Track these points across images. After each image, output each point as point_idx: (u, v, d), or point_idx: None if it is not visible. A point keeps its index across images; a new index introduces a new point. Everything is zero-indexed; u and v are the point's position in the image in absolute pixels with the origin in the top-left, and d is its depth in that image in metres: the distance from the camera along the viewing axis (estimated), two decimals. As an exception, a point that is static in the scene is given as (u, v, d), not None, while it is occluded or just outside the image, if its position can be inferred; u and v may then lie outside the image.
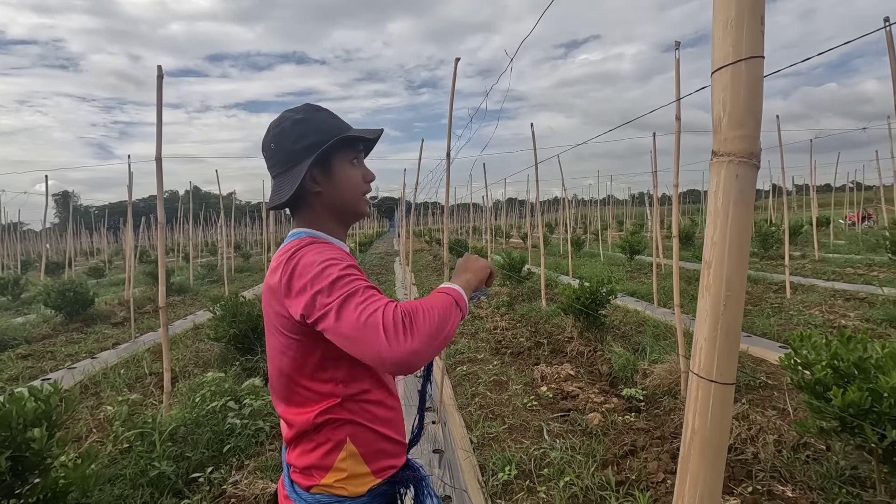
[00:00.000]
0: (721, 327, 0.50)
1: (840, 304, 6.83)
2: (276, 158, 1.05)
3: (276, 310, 0.97)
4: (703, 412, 0.51)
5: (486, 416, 3.71)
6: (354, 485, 1.02)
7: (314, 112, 1.07)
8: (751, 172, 0.48)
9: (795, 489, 2.50)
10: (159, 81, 3.39)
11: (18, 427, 1.83)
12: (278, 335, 0.99)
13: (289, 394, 1.02)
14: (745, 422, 3.15)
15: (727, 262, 0.49)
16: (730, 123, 0.48)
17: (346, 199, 1.08)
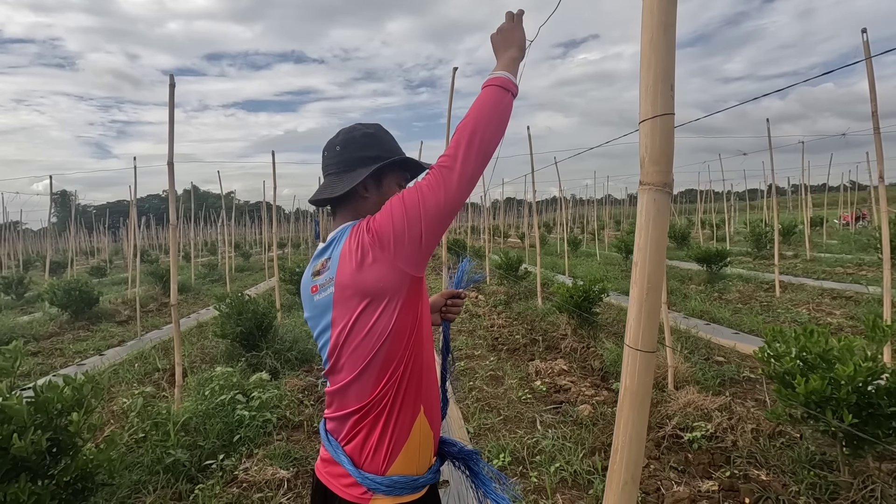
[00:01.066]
0: (644, 310, 0.67)
1: (827, 302, 7.03)
2: (338, 159, 1.15)
3: (372, 273, 0.99)
4: (632, 373, 0.69)
5: (483, 408, 3.89)
6: (424, 456, 1.07)
7: (383, 132, 1.20)
8: (665, 197, 0.66)
9: (769, 473, 2.68)
10: (171, 90, 3.56)
11: (55, 412, 2.01)
12: (367, 302, 1.00)
13: (365, 367, 1.02)
14: (726, 412, 3.35)
15: (648, 263, 0.66)
16: (650, 161, 0.66)
17: None
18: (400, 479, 1.03)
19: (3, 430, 1.90)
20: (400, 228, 0.96)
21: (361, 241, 0.99)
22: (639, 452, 0.69)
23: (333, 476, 1.08)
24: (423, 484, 1.07)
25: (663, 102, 0.65)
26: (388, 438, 1.03)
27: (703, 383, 3.94)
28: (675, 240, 16.28)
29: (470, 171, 0.96)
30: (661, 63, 0.65)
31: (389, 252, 0.97)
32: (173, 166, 3.58)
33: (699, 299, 7.39)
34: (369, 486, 1.02)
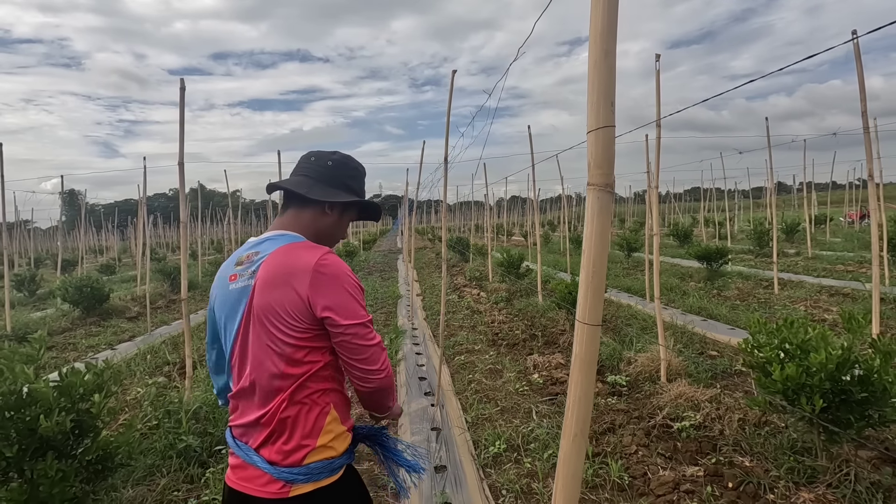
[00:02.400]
0: (590, 290, 0.80)
1: (825, 299, 7.11)
2: (324, 171, 1.28)
3: (293, 297, 1.08)
4: (581, 342, 0.82)
5: (481, 399, 4.02)
6: (340, 444, 1.16)
7: (364, 174, 1.38)
8: (607, 196, 0.79)
9: (753, 460, 2.80)
10: (181, 93, 3.71)
11: (77, 396, 2.17)
12: (282, 317, 1.09)
13: (275, 369, 1.10)
14: (715, 403, 3.46)
15: (593, 251, 0.79)
16: (594, 165, 0.79)
17: (333, 235, 1.31)
18: (316, 465, 1.10)
19: (32, 412, 2.05)
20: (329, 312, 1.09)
21: (295, 274, 1.09)
22: (587, 409, 0.82)
23: (248, 479, 1.11)
24: (340, 465, 1.15)
25: (605, 116, 0.78)
26: (301, 431, 1.10)
27: (695, 376, 4.05)
28: (677, 238, 16.32)
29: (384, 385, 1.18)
30: (602, 83, 0.78)
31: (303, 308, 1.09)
32: (184, 166, 3.74)
33: (697, 296, 7.48)
34: (287, 479, 1.08)
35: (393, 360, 5.28)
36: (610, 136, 0.78)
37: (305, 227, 1.25)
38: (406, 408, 3.99)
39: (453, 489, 2.73)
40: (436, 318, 7.27)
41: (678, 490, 2.54)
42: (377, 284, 11.43)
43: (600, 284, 0.80)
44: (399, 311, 8.27)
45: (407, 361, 5.25)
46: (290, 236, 1.21)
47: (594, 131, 0.79)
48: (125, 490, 2.63)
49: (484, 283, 10.44)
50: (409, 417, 3.78)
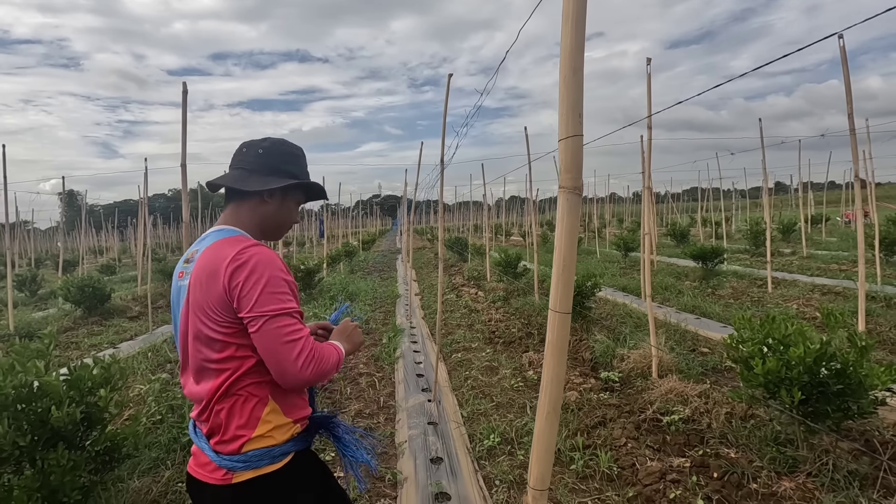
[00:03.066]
0: (560, 282, 0.89)
1: (817, 297, 7.21)
2: (256, 160, 1.26)
3: (216, 293, 1.09)
4: (553, 329, 0.91)
5: (477, 395, 4.12)
6: (281, 433, 1.17)
7: (303, 156, 1.34)
8: (575, 197, 0.88)
9: (738, 451, 2.89)
10: (184, 96, 3.80)
11: (86, 389, 2.26)
12: (209, 312, 1.10)
13: (208, 364, 1.12)
14: (703, 398, 3.56)
15: (563, 246, 0.88)
16: (564, 170, 0.88)
17: (279, 222, 1.29)
18: (255, 453, 1.13)
19: (43, 404, 2.15)
20: (240, 305, 1.08)
21: (217, 270, 1.09)
22: (559, 390, 0.92)
23: (200, 466, 1.17)
24: (281, 453, 1.16)
25: (573, 126, 0.87)
26: (237, 422, 1.12)
27: (685, 372, 4.15)
28: (674, 238, 16.42)
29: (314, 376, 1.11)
30: (571, 97, 0.87)
31: (226, 303, 1.09)
32: (186, 168, 3.83)
33: (692, 295, 7.58)
34: (228, 467, 1.12)
35: (391, 358, 5.38)
36: (578, 144, 0.87)
37: (247, 220, 1.25)
38: (404, 403, 4.09)
39: (449, 480, 2.82)
40: (434, 317, 7.36)
41: (664, 479, 2.63)
42: (376, 284, 11.52)
43: (570, 276, 0.89)
44: (398, 310, 8.36)
45: (405, 359, 5.35)
46: (226, 231, 1.21)
47: (564, 140, 0.88)
48: (131, 481, 2.73)
49: (482, 283, 10.54)
50: (406, 412, 3.87)
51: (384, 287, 11.08)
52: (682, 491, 2.51)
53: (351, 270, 14.63)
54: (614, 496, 2.59)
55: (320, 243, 25.29)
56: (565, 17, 0.86)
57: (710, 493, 2.51)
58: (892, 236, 9.57)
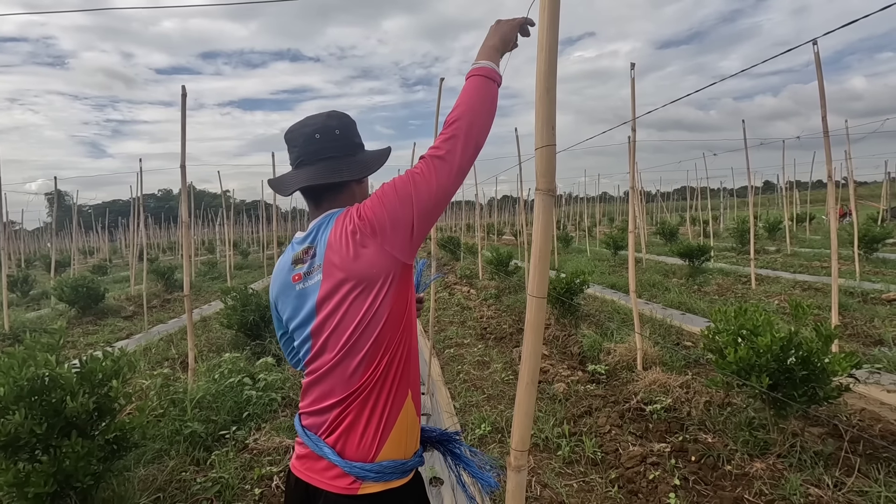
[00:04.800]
0: (537, 270, 1.04)
1: (798, 293, 7.45)
2: (338, 142, 1.12)
3: (364, 259, 0.99)
4: (531, 311, 1.06)
5: (469, 388, 4.27)
6: (412, 441, 1.07)
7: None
8: (549, 199, 1.02)
9: (715, 436, 3.07)
10: (183, 99, 3.91)
11: (97, 380, 2.37)
12: (360, 282, 0.99)
13: (354, 348, 1.01)
14: (685, 388, 3.74)
15: (539, 240, 1.03)
16: (540, 175, 1.02)
17: (365, 195, 1.17)
18: (389, 464, 1.02)
19: (57, 395, 2.26)
20: (392, 216, 0.98)
21: (352, 227, 1.01)
22: (536, 363, 1.06)
23: (316, 471, 1.05)
24: (411, 468, 1.07)
25: (548, 137, 1.02)
26: (375, 425, 1.02)
27: (669, 364, 4.33)
28: (663, 236, 16.70)
29: (463, 162, 1.02)
30: (545, 112, 1.02)
31: (381, 239, 0.99)
32: (185, 169, 3.93)
33: (678, 291, 7.79)
34: (357, 475, 1.00)
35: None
36: (552, 152, 1.02)
37: (348, 205, 1.12)
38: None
39: (441, 466, 2.97)
40: (427, 315, 7.51)
41: (645, 463, 2.80)
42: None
43: (545, 266, 1.04)
44: (391, 308, 8.49)
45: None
46: (330, 213, 1.10)
47: (540, 148, 1.03)
48: (137, 470, 2.84)
49: (474, 281, 10.69)
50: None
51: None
52: (660, 472, 2.67)
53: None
54: (598, 478, 2.75)
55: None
56: (540, 46, 1.01)
57: (688, 474, 2.68)
58: (870, 234, 9.86)
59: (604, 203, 42.04)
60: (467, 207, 27.87)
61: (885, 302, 6.40)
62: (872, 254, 10.23)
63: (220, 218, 24.54)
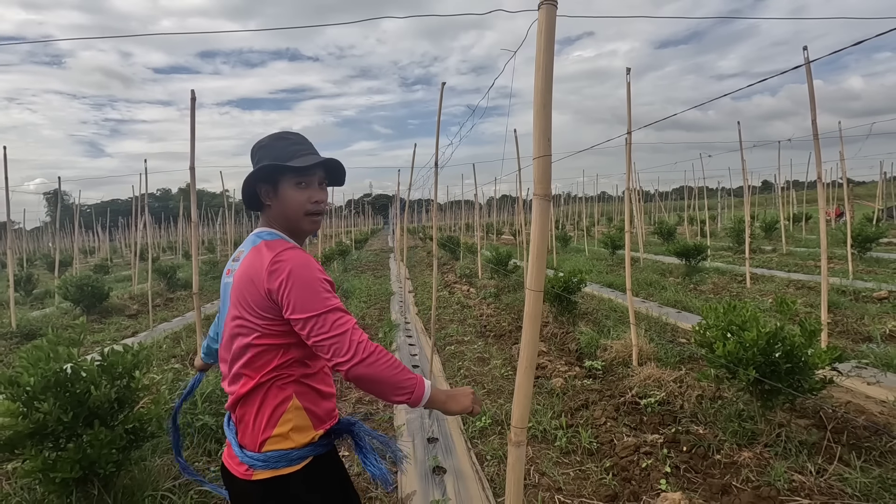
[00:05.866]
0: (534, 267, 1.17)
1: (791, 292, 7.59)
2: (251, 174, 1.27)
3: (257, 296, 1.14)
4: (529, 303, 1.19)
5: (469, 383, 4.40)
6: (300, 436, 1.19)
7: (275, 140, 1.28)
8: (546, 203, 1.15)
9: (706, 428, 3.20)
10: (192, 103, 4.03)
11: (117, 373, 2.50)
12: (248, 313, 1.15)
13: (241, 360, 1.18)
14: (678, 383, 3.87)
15: (537, 240, 1.16)
16: (536, 182, 1.15)
17: (288, 215, 1.25)
18: (274, 454, 1.16)
19: (80, 386, 2.39)
20: (285, 309, 1.12)
21: (257, 274, 1.15)
22: (534, 349, 1.19)
23: (230, 457, 1.23)
24: (299, 457, 1.19)
25: (543, 148, 1.14)
26: (262, 420, 1.17)
27: (663, 360, 4.46)
28: (661, 236, 16.83)
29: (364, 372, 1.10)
30: (542, 126, 1.15)
31: (268, 306, 1.15)
32: (195, 171, 4.06)
33: (674, 290, 7.93)
34: (249, 463, 1.17)
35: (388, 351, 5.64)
36: (547, 162, 1.15)
37: (273, 221, 1.28)
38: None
39: (444, 456, 3.10)
40: (427, 313, 7.64)
41: (638, 452, 2.93)
42: (370, 282, 11.76)
43: (542, 263, 1.17)
44: (392, 307, 8.62)
45: (401, 352, 5.61)
46: (266, 233, 1.25)
47: (537, 158, 1.16)
48: (154, 459, 2.97)
49: (474, 280, 10.82)
50: (403, 399, 4.14)
51: (378, 285, 11.32)
52: (653, 461, 2.81)
53: (345, 269, 14.84)
54: (593, 467, 2.89)
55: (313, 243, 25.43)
56: (537, 67, 1.14)
57: (679, 463, 2.81)
58: (864, 234, 10.01)
59: (602, 203, 42.22)
60: (467, 207, 28.01)
61: (876, 300, 6.54)
62: (866, 253, 10.38)
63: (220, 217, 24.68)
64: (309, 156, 1.25)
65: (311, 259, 1.19)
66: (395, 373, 1.13)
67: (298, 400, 1.19)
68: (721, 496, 2.53)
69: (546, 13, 1.13)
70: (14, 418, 2.19)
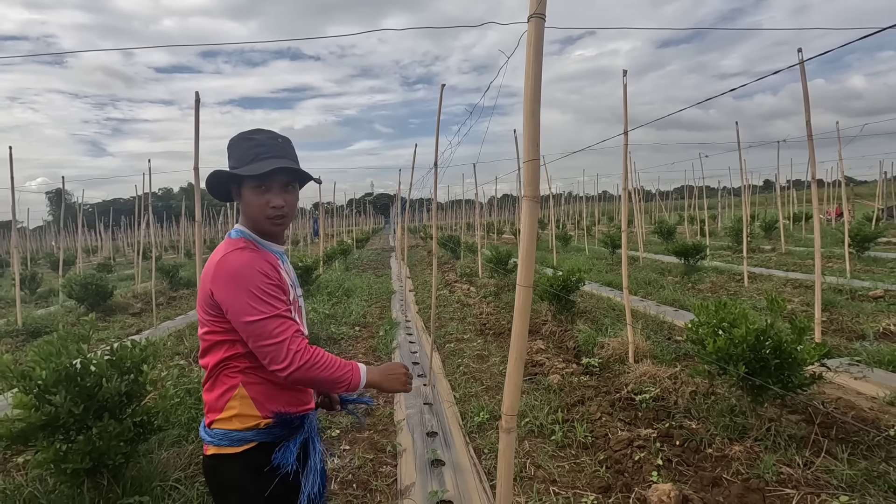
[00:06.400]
0: (524, 264, 1.24)
1: (789, 290, 7.66)
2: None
3: (205, 293, 1.23)
4: (519, 298, 1.26)
5: (469, 380, 4.48)
6: (242, 422, 1.25)
7: (242, 140, 1.29)
8: (535, 204, 1.22)
9: (699, 423, 3.28)
10: (196, 105, 4.11)
11: (125, 367, 2.58)
12: (201, 308, 1.25)
13: (201, 348, 1.29)
14: (673, 379, 3.94)
15: (526, 239, 1.23)
16: (526, 184, 1.23)
17: (251, 216, 1.28)
18: (218, 432, 1.25)
19: (90, 380, 2.47)
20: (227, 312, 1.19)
21: (207, 272, 1.23)
22: (524, 342, 1.27)
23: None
24: (241, 439, 1.25)
25: (532, 153, 1.22)
26: (212, 401, 1.27)
27: (659, 357, 4.54)
28: (661, 235, 16.89)
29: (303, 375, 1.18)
30: (531, 132, 1.22)
31: (212, 304, 1.22)
32: (199, 171, 4.14)
33: (672, 289, 8.00)
34: (204, 439, 1.29)
35: (388, 349, 5.72)
36: (536, 165, 1.22)
37: (244, 217, 1.32)
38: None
39: (443, 449, 3.18)
40: (428, 312, 7.71)
41: (632, 446, 3.01)
42: (371, 281, 11.84)
43: (531, 260, 1.24)
44: (393, 305, 8.70)
45: (401, 349, 5.69)
46: (234, 231, 1.32)
47: (526, 162, 1.23)
48: (160, 452, 3.05)
49: (474, 279, 10.90)
50: (403, 395, 4.22)
51: (379, 284, 11.40)
52: (646, 454, 2.88)
53: (346, 268, 14.93)
54: (587, 460, 2.96)
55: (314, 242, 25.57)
56: (526, 76, 1.21)
57: (671, 456, 2.88)
58: (862, 233, 10.06)
59: (604, 202, 42.25)
60: (467, 206, 28.08)
61: (871, 299, 6.60)
62: (864, 252, 10.43)
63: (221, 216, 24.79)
64: (269, 160, 1.24)
65: (257, 262, 1.21)
66: (330, 372, 1.20)
67: (245, 389, 1.25)
68: (711, 488, 2.60)
69: (535, 25, 1.21)
70: (27, 410, 2.27)
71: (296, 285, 1.40)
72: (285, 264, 1.36)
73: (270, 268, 1.22)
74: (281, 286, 1.23)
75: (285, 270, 1.33)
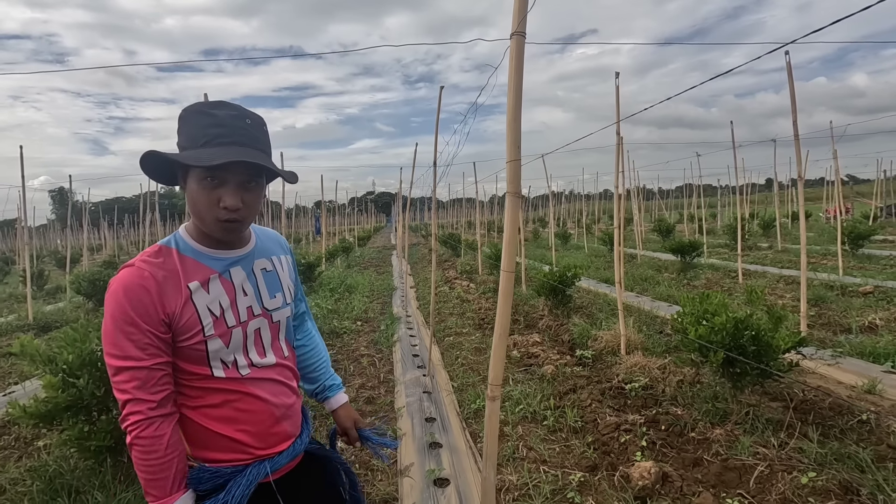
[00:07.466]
0: (507, 252, 1.41)
1: (782, 287, 7.81)
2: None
3: None
4: (503, 282, 1.43)
5: (467, 371, 4.66)
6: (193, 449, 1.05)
7: (197, 113, 0.98)
8: (516, 199, 1.39)
9: (684, 409, 3.45)
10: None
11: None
12: None
13: None
14: (662, 370, 4.12)
15: (508, 230, 1.40)
16: (509, 182, 1.39)
17: (197, 214, 0.99)
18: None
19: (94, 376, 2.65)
20: None
21: None
22: (507, 319, 1.44)
23: None
24: None
25: (514, 154, 1.39)
26: None
27: (650, 349, 4.71)
28: (660, 233, 17.04)
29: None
30: (513, 135, 1.39)
31: None
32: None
33: (668, 285, 8.16)
34: None
35: (389, 342, 5.90)
36: (517, 165, 1.40)
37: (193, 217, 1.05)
38: (402, 377, 4.61)
39: (440, 434, 3.36)
40: (428, 307, 7.89)
41: (619, 430, 3.18)
42: (373, 278, 12.03)
43: (513, 248, 1.41)
44: (394, 301, 8.88)
45: (402, 342, 5.88)
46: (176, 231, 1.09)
47: (509, 162, 1.40)
48: (174, 435, 3.24)
49: (474, 276, 11.07)
50: (404, 385, 4.40)
51: (380, 280, 11.59)
52: (631, 437, 3.06)
53: (348, 265, 15.11)
54: (577, 443, 3.14)
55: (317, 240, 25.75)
56: (509, 87, 1.38)
57: (656, 440, 3.06)
58: (857, 231, 10.21)
59: (604, 200, 42.37)
60: (468, 205, 28.23)
61: (861, 294, 6.76)
62: (858, 250, 10.57)
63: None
64: (227, 146, 0.94)
65: (131, 288, 0.94)
66: (144, 474, 0.96)
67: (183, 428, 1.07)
68: (692, 467, 2.78)
69: (516, 42, 1.38)
70: (55, 391, 2.46)
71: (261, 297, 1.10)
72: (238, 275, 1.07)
73: (151, 300, 0.94)
74: (156, 326, 0.94)
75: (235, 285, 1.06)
